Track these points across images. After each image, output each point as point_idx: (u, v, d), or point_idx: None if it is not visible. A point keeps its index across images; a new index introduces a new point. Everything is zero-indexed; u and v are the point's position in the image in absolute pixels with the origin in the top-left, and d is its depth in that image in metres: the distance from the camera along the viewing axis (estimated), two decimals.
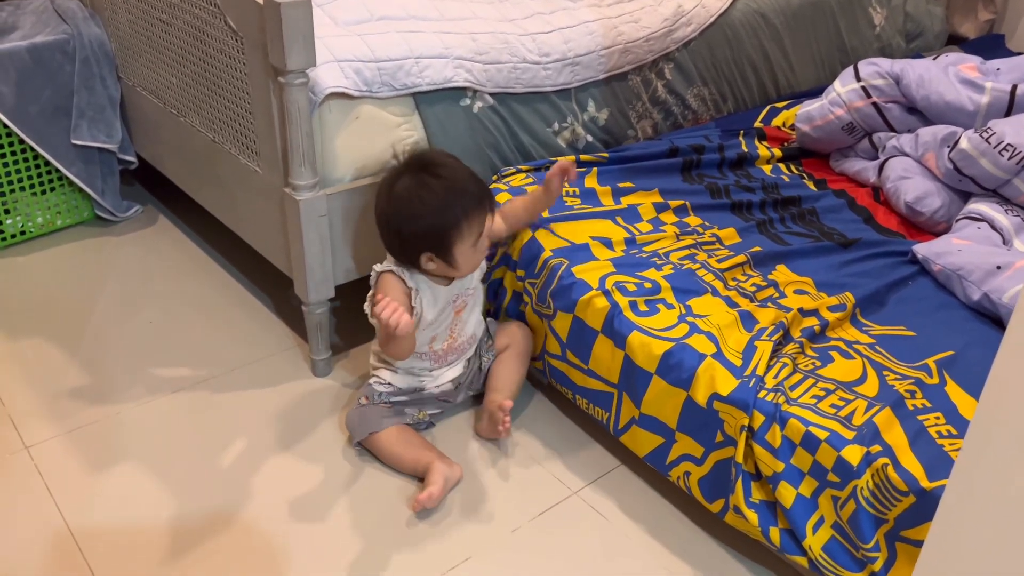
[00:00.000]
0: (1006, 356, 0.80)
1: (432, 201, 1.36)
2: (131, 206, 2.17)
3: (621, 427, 1.40)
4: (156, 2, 1.73)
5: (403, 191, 1.37)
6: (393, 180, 1.39)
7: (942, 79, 1.76)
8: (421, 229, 1.36)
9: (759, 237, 1.60)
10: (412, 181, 1.37)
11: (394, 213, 1.38)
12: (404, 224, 1.37)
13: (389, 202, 1.38)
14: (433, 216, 1.36)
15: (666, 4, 2.01)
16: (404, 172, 1.39)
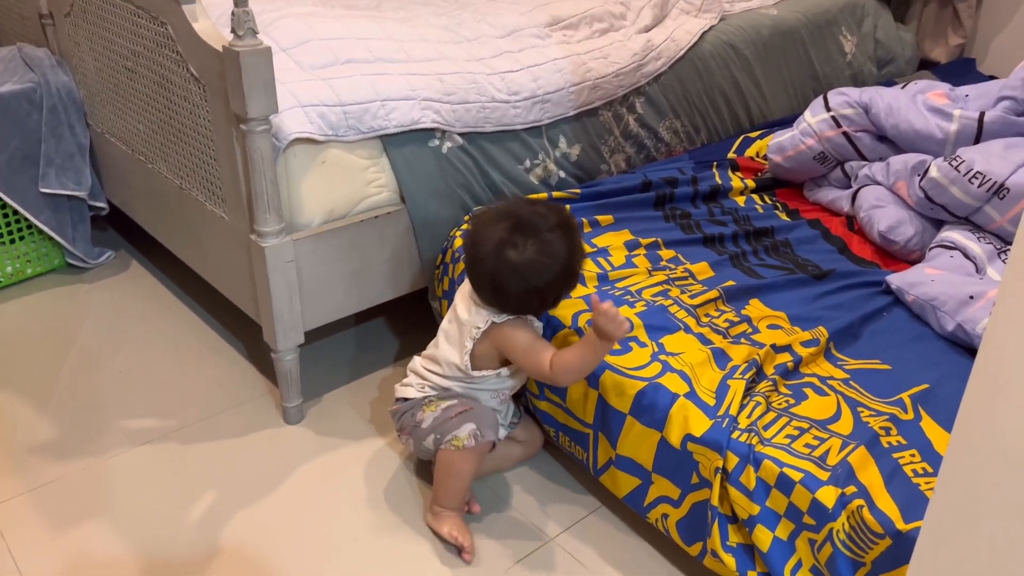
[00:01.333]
0: (973, 395, 0.79)
1: (563, 253, 1.29)
2: (103, 252, 2.15)
3: (599, 467, 1.38)
4: (122, 50, 1.72)
5: (541, 247, 1.27)
6: (501, 241, 1.27)
7: (911, 107, 1.76)
8: (560, 279, 1.30)
9: (732, 271, 1.59)
10: (548, 241, 1.28)
11: (531, 272, 1.27)
12: (557, 284, 1.30)
13: (540, 260, 1.27)
14: (569, 264, 1.31)
15: (635, 39, 2.02)
16: (512, 229, 1.28)
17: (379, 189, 1.64)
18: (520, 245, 1.27)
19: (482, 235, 1.30)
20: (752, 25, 2.26)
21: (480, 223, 1.33)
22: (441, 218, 1.70)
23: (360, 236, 1.60)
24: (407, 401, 1.43)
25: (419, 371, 1.44)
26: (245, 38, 1.32)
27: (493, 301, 1.33)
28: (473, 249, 1.31)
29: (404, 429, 1.44)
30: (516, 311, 1.34)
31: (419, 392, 1.42)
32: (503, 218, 1.30)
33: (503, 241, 1.28)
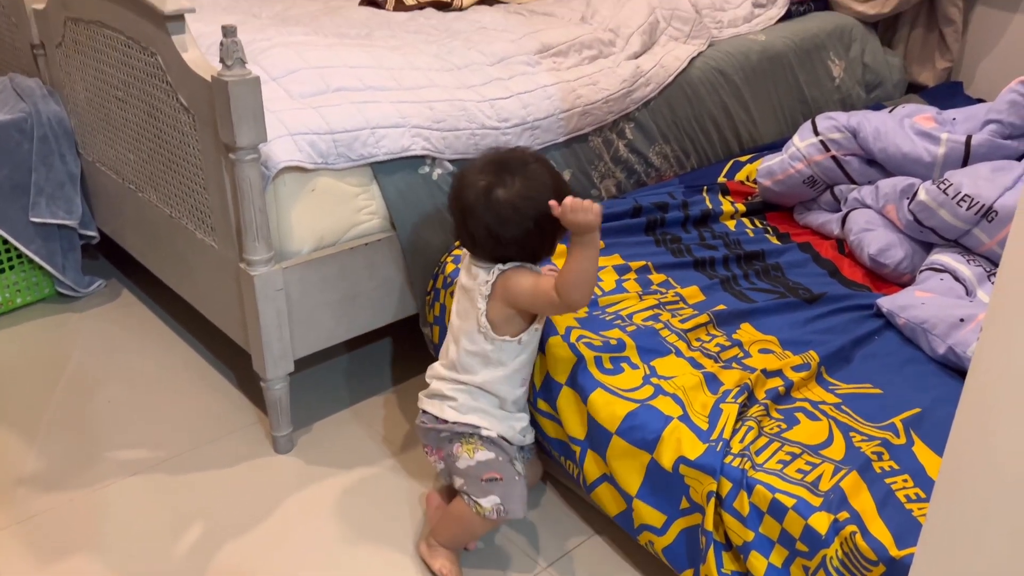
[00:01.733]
0: (964, 420, 0.78)
1: (548, 181, 1.27)
2: (93, 281, 2.14)
3: (590, 483, 1.36)
4: (112, 80, 1.72)
5: (525, 185, 1.25)
6: (487, 188, 1.25)
7: (898, 131, 1.77)
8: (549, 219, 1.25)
9: (723, 295, 1.59)
10: (531, 174, 1.26)
11: (524, 204, 1.24)
12: (541, 211, 1.24)
13: (525, 197, 1.24)
14: (558, 191, 1.26)
15: (624, 66, 2.03)
16: (494, 176, 1.26)
17: (369, 216, 1.64)
18: (507, 183, 1.25)
19: (467, 185, 1.28)
20: (740, 51, 2.28)
21: (461, 178, 1.31)
22: (432, 244, 1.69)
23: (350, 263, 1.60)
24: (444, 423, 1.34)
25: (443, 376, 1.36)
26: (234, 68, 1.33)
27: (493, 251, 1.28)
28: (461, 201, 1.28)
29: (439, 450, 1.37)
30: (517, 256, 1.29)
31: (455, 412, 1.33)
32: (482, 167, 1.28)
33: (489, 184, 1.25)
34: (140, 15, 1.52)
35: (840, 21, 2.59)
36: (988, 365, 0.84)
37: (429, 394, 1.39)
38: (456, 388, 1.34)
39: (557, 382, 1.37)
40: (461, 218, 1.29)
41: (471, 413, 1.33)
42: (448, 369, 1.36)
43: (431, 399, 1.38)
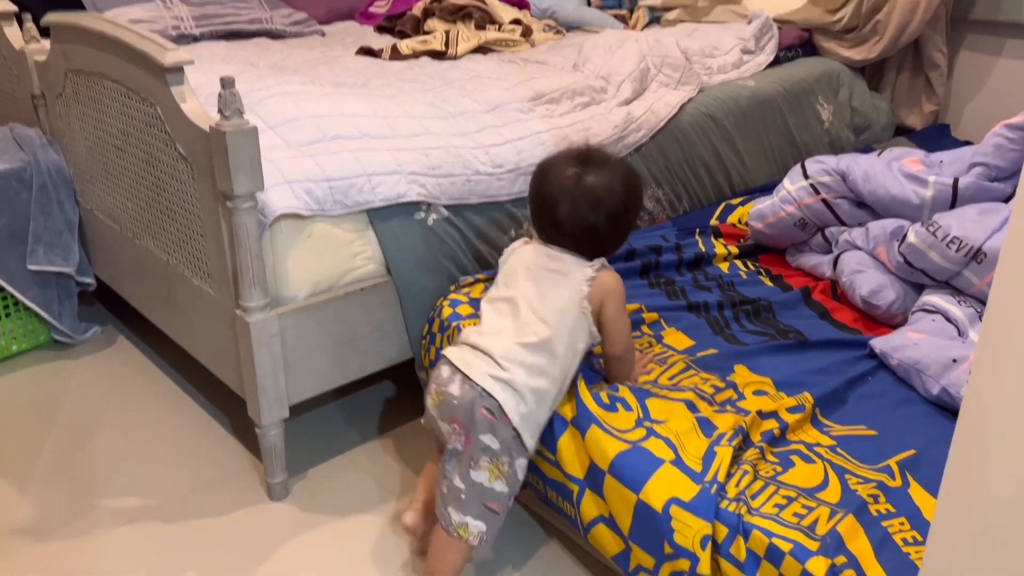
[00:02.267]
0: (957, 463, 0.79)
1: (637, 181, 1.39)
2: (89, 327, 2.15)
3: (586, 524, 1.35)
4: (112, 130, 1.75)
5: (619, 172, 1.34)
6: (577, 177, 1.32)
7: (887, 174, 1.80)
8: (635, 200, 1.38)
9: (715, 338, 1.59)
10: (611, 166, 1.35)
11: (627, 189, 1.34)
12: (634, 202, 1.37)
13: (614, 186, 1.32)
14: (637, 183, 1.39)
15: (616, 112, 2.06)
16: (582, 167, 1.33)
17: (365, 262, 1.65)
18: (595, 172, 1.33)
19: (555, 176, 1.34)
20: (730, 96, 2.32)
21: (547, 170, 1.36)
22: (427, 289, 1.71)
23: (346, 308, 1.61)
24: (503, 420, 1.25)
25: (515, 358, 1.28)
26: (232, 118, 1.35)
27: (582, 240, 1.34)
28: (549, 190, 1.34)
29: (468, 433, 1.26)
30: (604, 247, 1.36)
31: (520, 416, 1.26)
32: (565, 160, 1.36)
33: (579, 174, 1.32)
34: (140, 67, 1.54)
35: (828, 66, 2.65)
36: (978, 407, 0.85)
37: (492, 373, 1.27)
38: (529, 380, 1.27)
39: (561, 418, 1.36)
40: (549, 207, 1.33)
41: (525, 426, 1.28)
42: (528, 351, 1.28)
43: (496, 380, 1.26)
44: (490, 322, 1.35)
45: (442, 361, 1.34)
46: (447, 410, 1.29)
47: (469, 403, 1.27)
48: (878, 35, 2.63)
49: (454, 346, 1.36)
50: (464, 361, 1.30)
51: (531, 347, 1.29)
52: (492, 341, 1.31)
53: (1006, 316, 0.81)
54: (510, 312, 1.33)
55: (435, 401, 1.32)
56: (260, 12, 2.79)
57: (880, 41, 2.63)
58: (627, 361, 1.40)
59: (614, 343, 1.38)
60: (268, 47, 2.58)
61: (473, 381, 1.27)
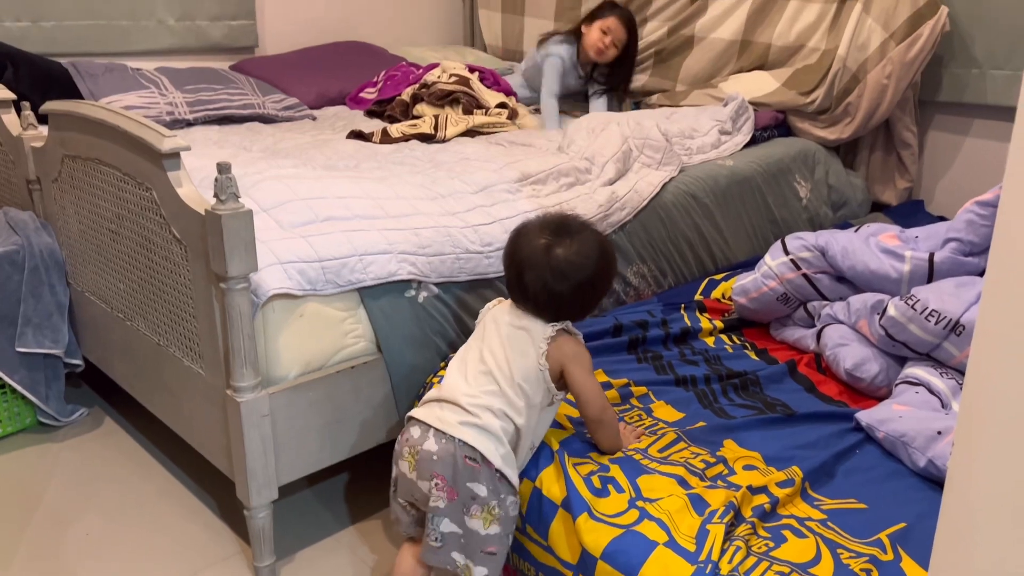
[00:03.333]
0: (945, 537, 0.80)
1: (609, 251, 1.41)
2: (76, 409, 2.13)
3: None
4: (106, 213, 1.78)
5: (588, 247, 1.37)
6: (547, 246, 1.35)
7: (865, 250, 1.85)
8: (605, 272, 1.40)
9: (704, 411, 1.61)
10: (582, 240, 1.37)
11: (595, 265, 1.37)
12: (602, 276, 1.39)
13: (581, 259, 1.35)
14: (610, 255, 1.41)
15: (600, 192, 2.12)
16: (553, 237, 1.36)
17: (356, 340, 1.67)
18: (566, 244, 1.36)
19: (527, 242, 1.38)
20: (710, 175, 2.39)
21: (521, 235, 1.40)
22: (417, 366, 1.72)
23: (336, 387, 1.62)
24: (485, 465, 1.29)
25: (482, 404, 1.32)
26: (227, 202, 1.38)
27: (544, 307, 1.37)
28: (520, 255, 1.37)
29: (452, 489, 1.29)
30: (566, 315, 1.39)
31: (499, 457, 1.30)
32: (542, 227, 1.39)
33: (549, 245, 1.36)
34: (137, 153, 1.59)
35: (803, 146, 2.74)
36: (963, 480, 0.86)
37: (464, 420, 1.30)
38: (501, 422, 1.32)
39: (551, 503, 1.36)
40: (517, 272, 1.37)
41: (507, 465, 1.32)
42: (491, 396, 1.32)
43: (466, 427, 1.30)
44: (453, 374, 1.39)
45: (410, 423, 1.37)
46: (426, 467, 1.31)
47: (450, 455, 1.29)
48: (850, 116, 2.73)
49: (418, 407, 1.39)
50: (434, 416, 1.33)
51: (494, 394, 1.33)
52: (456, 391, 1.34)
53: (984, 390, 0.83)
54: (474, 363, 1.38)
55: (411, 463, 1.33)
56: (252, 97, 2.87)
57: (852, 122, 2.73)
58: (607, 424, 1.41)
59: (588, 405, 1.39)
60: (260, 131, 2.65)
61: (448, 434, 1.30)
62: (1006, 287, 0.78)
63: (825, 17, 2.78)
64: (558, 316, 1.39)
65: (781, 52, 2.89)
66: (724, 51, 3.01)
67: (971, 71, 2.73)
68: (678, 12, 3.14)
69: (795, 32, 2.85)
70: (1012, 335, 0.79)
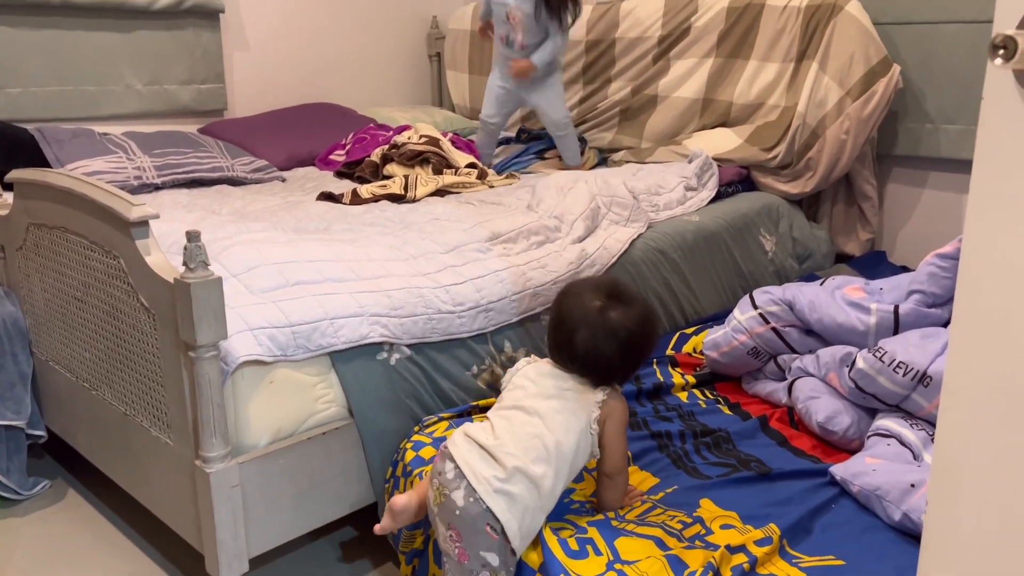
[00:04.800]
0: None
1: (655, 322, 1.47)
2: (38, 482, 2.07)
3: None
4: (72, 281, 1.76)
5: (640, 312, 1.41)
6: (601, 310, 1.39)
7: (831, 303, 1.88)
8: (651, 338, 1.44)
9: (677, 473, 1.60)
10: (634, 305, 1.42)
11: (645, 331, 1.41)
12: (650, 343, 1.43)
13: (634, 327, 1.39)
14: (655, 323, 1.46)
15: (570, 249, 2.14)
16: (606, 301, 1.40)
17: (327, 405, 1.65)
18: (620, 308, 1.40)
19: (578, 304, 1.41)
20: (677, 231, 2.43)
21: (569, 297, 1.43)
22: (390, 430, 1.70)
23: (308, 454, 1.59)
24: (497, 520, 1.28)
25: (522, 464, 1.31)
26: (197, 270, 1.38)
27: (593, 368, 1.39)
28: (570, 317, 1.40)
29: (464, 553, 1.29)
30: (615, 377, 1.42)
31: (517, 517, 1.29)
32: (595, 290, 1.42)
33: (603, 307, 1.39)
34: (105, 221, 1.58)
35: (767, 200, 2.80)
36: (938, 535, 0.87)
37: (497, 486, 1.29)
38: (529, 496, 1.31)
39: (530, 568, 1.34)
40: (568, 332, 1.39)
41: (522, 543, 1.32)
42: (538, 463, 1.31)
43: (499, 495, 1.28)
44: (500, 430, 1.37)
45: (446, 454, 1.36)
46: (447, 516, 1.32)
47: (472, 519, 1.29)
48: (812, 171, 2.80)
49: (460, 437, 1.37)
50: (470, 466, 1.32)
51: (540, 460, 1.33)
52: (500, 449, 1.33)
53: (955, 444, 0.84)
54: (520, 424, 1.37)
55: (436, 498, 1.34)
56: (221, 160, 2.88)
57: (814, 176, 2.81)
58: (619, 484, 1.44)
59: (610, 459, 1.41)
60: (229, 194, 2.65)
61: (479, 496, 1.29)
62: (971, 340, 0.80)
63: (783, 76, 2.87)
64: (606, 379, 1.41)
65: (742, 110, 2.97)
66: (687, 109, 3.09)
67: (925, 126, 2.83)
68: (641, 73, 3.23)
69: (755, 90, 2.93)
70: (978, 388, 0.81)
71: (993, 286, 0.74)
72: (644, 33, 3.20)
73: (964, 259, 0.77)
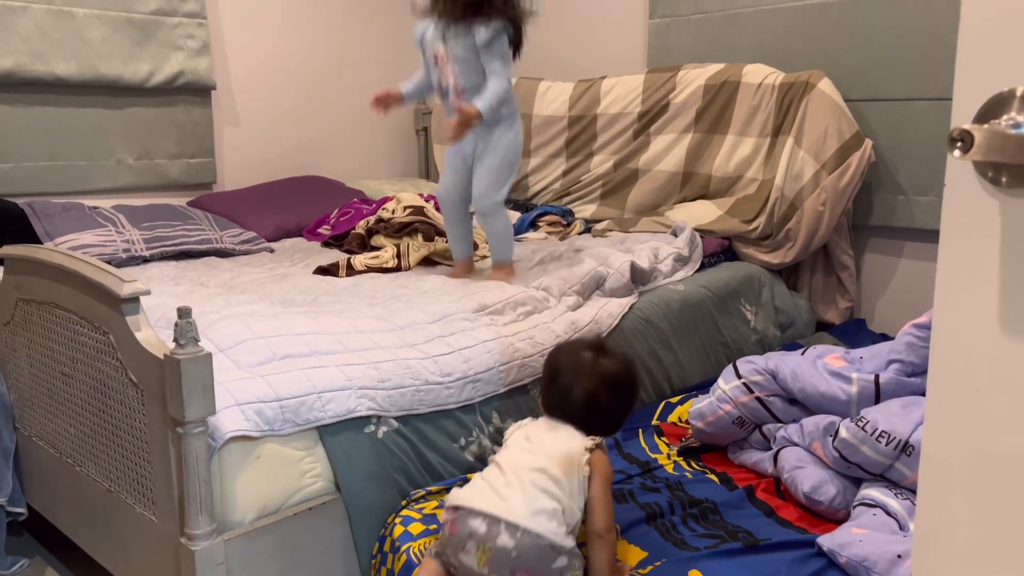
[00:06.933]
0: None
1: (637, 372, 1.60)
2: (16, 560, 2.03)
3: None
4: (60, 356, 1.76)
5: (626, 360, 1.55)
6: (594, 359, 1.50)
7: (813, 372, 1.91)
8: (636, 388, 1.58)
9: (665, 545, 1.60)
10: (619, 355, 1.55)
11: (632, 375, 1.55)
12: (636, 392, 1.56)
13: (625, 372, 1.53)
14: (638, 374, 1.62)
15: (559, 321, 2.17)
16: (596, 353, 1.52)
17: (314, 479, 1.64)
18: (607, 357, 1.52)
19: (570, 358, 1.52)
20: (663, 300, 2.47)
21: (560, 353, 1.56)
22: (377, 505, 1.69)
23: (294, 530, 1.58)
24: (540, 538, 1.33)
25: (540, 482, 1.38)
26: (187, 346, 1.39)
27: (586, 417, 1.48)
28: (564, 369, 1.50)
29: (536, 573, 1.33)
30: (606, 426, 1.51)
31: (557, 524, 1.36)
32: (581, 346, 1.55)
33: (595, 358, 1.50)
34: (95, 297, 1.59)
35: (749, 270, 2.85)
36: None
37: (535, 509, 1.34)
38: (549, 494, 1.37)
39: None
40: (564, 385, 1.49)
41: (574, 539, 1.41)
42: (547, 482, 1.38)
43: (539, 515, 1.34)
44: (499, 466, 1.43)
45: (462, 514, 1.37)
46: (505, 564, 1.32)
47: (530, 549, 1.33)
48: (791, 241, 2.87)
49: (466, 492, 1.41)
50: (499, 506, 1.35)
51: (546, 468, 1.40)
52: (509, 476, 1.39)
53: (935, 516, 0.86)
54: (519, 457, 1.43)
55: (481, 559, 1.34)
56: (210, 232, 2.91)
57: (794, 247, 2.87)
58: (608, 543, 1.45)
59: (600, 517, 1.44)
60: (217, 266, 2.67)
61: (523, 527, 1.33)
62: (946, 411, 0.82)
63: (760, 150, 2.97)
64: (599, 428, 1.49)
65: (721, 182, 3.06)
66: (668, 182, 3.17)
67: (898, 197, 2.91)
68: (622, 147, 3.32)
69: (733, 164, 3.02)
70: (955, 459, 0.83)
71: (962, 368, 0.77)
72: (624, 109, 3.31)
73: (934, 343, 0.80)
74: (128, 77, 3.12)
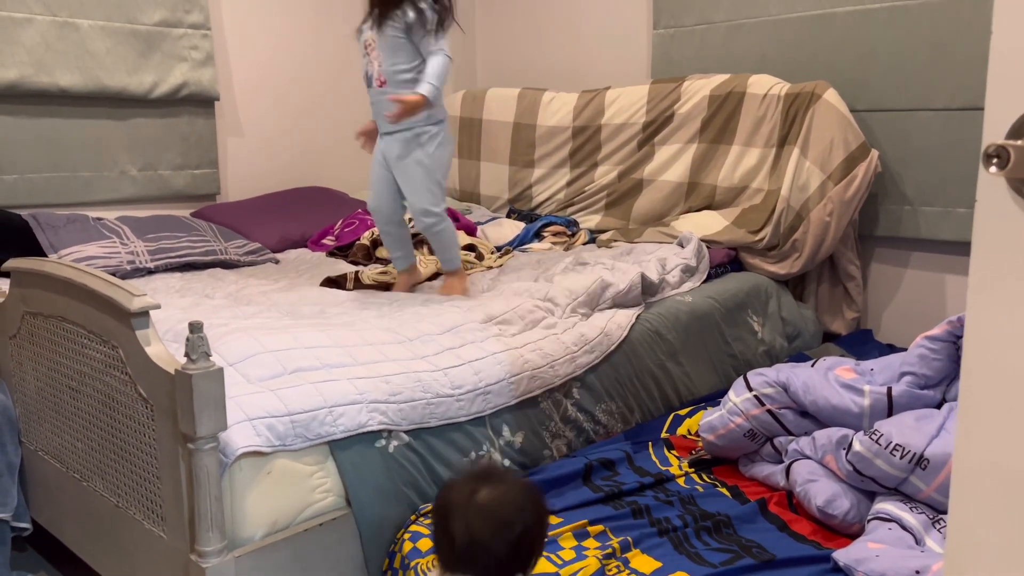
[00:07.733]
0: None
1: (540, 498, 1.26)
2: None
3: None
4: (67, 371, 1.75)
5: (513, 487, 1.23)
6: (472, 492, 1.21)
7: (824, 384, 1.90)
8: (536, 523, 1.23)
9: (679, 557, 1.58)
10: (506, 481, 1.25)
11: (520, 505, 1.22)
12: (535, 526, 1.23)
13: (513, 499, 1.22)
14: (541, 504, 1.25)
15: (568, 333, 2.16)
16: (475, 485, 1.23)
17: (324, 495, 1.63)
18: (490, 487, 1.22)
19: (453, 494, 1.23)
20: (671, 312, 2.46)
21: (445, 489, 1.26)
22: (388, 520, 1.68)
23: (304, 547, 1.56)
24: None
25: None
26: (198, 361, 1.38)
27: (472, 561, 1.19)
28: (444, 508, 1.22)
29: None
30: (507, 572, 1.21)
31: None
32: (465, 479, 1.25)
33: (473, 489, 1.21)
34: (104, 311, 1.58)
35: (755, 280, 2.84)
36: None
37: None
38: None
39: None
40: (443, 526, 1.22)
41: None
42: None
43: None
44: None
45: None
46: None
47: None
48: (798, 252, 2.86)
49: None
50: None
51: None
52: None
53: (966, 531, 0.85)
54: None
55: None
56: (215, 243, 2.90)
57: (800, 257, 2.86)
58: None
59: None
60: (223, 277, 2.66)
61: None
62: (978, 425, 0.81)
63: (766, 161, 2.96)
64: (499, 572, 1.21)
65: (727, 193, 3.05)
66: (672, 192, 3.16)
67: (904, 208, 2.91)
68: (627, 157, 3.31)
69: (738, 175, 3.01)
70: (985, 472, 0.82)
71: (995, 390, 0.76)
72: (629, 120, 3.30)
73: (965, 364, 0.79)
74: (132, 88, 3.12)
